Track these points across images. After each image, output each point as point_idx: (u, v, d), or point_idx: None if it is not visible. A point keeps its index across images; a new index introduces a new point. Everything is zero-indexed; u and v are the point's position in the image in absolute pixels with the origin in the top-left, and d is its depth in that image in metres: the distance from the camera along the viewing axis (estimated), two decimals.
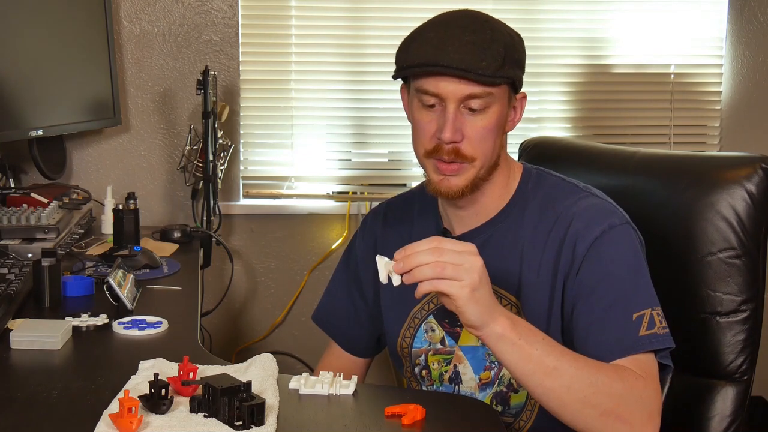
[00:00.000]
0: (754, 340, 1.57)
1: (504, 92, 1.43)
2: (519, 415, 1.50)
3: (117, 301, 1.66)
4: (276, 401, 1.22)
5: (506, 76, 1.40)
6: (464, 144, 1.41)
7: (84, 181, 2.74)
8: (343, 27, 2.91)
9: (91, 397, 1.24)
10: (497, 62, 1.38)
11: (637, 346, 1.35)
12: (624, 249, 1.42)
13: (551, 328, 1.43)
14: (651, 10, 2.99)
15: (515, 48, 1.44)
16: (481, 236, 1.50)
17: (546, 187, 1.51)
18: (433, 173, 1.45)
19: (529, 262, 1.46)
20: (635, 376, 1.32)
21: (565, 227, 1.44)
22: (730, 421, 1.56)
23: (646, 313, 1.37)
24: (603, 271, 1.40)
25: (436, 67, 1.38)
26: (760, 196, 1.56)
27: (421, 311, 1.56)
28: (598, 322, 1.37)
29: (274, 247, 2.92)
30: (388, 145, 2.98)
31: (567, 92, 2.99)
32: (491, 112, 1.41)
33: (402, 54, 1.44)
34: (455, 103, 1.39)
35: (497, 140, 1.45)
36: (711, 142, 3.09)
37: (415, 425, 1.20)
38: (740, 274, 1.56)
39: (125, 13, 2.76)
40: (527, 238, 1.47)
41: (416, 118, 1.46)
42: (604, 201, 1.48)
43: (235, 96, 2.84)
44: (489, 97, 1.40)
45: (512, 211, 1.51)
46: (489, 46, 1.39)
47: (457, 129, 1.40)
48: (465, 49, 1.37)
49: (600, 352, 1.35)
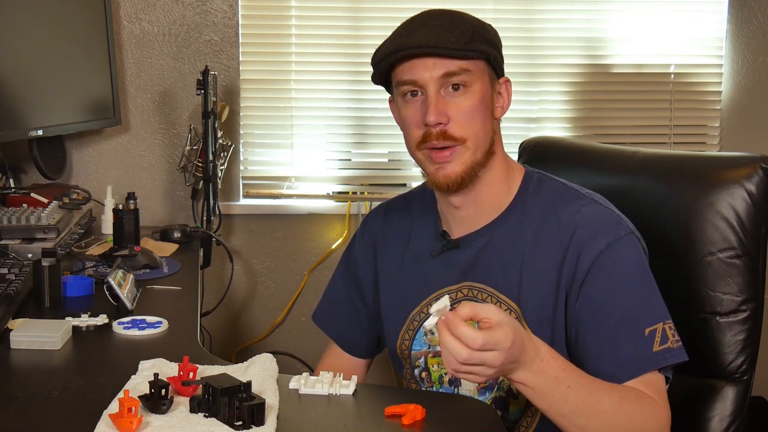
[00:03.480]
0: (754, 340, 1.57)
1: (482, 70, 1.43)
2: (518, 421, 1.49)
3: (117, 301, 1.66)
4: (276, 401, 1.22)
5: (477, 50, 1.40)
6: (451, 125, 1.41)
7: (84, 181, 2.74)
8: (343, 27, 2.91)
9: (91, 397, 1.24)
10: (465, 37, 1.39)
11: (652, 364, 1.34)
12: (631, 262, 1.40)
13: (555, 336, 1.42)
14: (651, 10, 2.99)
15: (485, 29, 1.45)
16: (480, 239, 1.49)
17: (548, 192, 1.49)
18: (428, 164, 1.44)
19: (529, 268, 1.44)
20: (653, 404, 1.32)
21: (568, 235, 1.42)
22: (730, 421, 1.56)
23: (658, 328, 1.35)
24: (610, 286, 1.38)
25: (405, 50, 1.39)
26: (760, 196, 1.56)
27: (419, 314, 1.55)
28: (610, 340, 1.36)
29: (274, 247, 2.92)
30: (388, 145, 2.98)
31: (567, 92, 2.99)
32: (473, 90, 1.41)
33: (374, 55, 1.46)
34: (434, 85, 1.40)
35: (486, 121, 1.44)
36: (711, 142, 3.09)
37: (415, 425, 1.20)
38: (740, 274, 1.55)
39: (125, 13, 2.76)
40: (528, 243, 1.45)
41: (402, 115, 1.47)
42: (607, 209, 1.46)
43: (235, 96, 2.84)
44: (466, 74, 1.40)
45: (512, 215, 1.49)
46: (455, 27, 1.41)
47: (441, 111, 1.40)
48: (431, 31, 1.40)
49: (613, 370, 1.34)
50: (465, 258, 1.50)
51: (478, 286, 1.48)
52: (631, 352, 1.35)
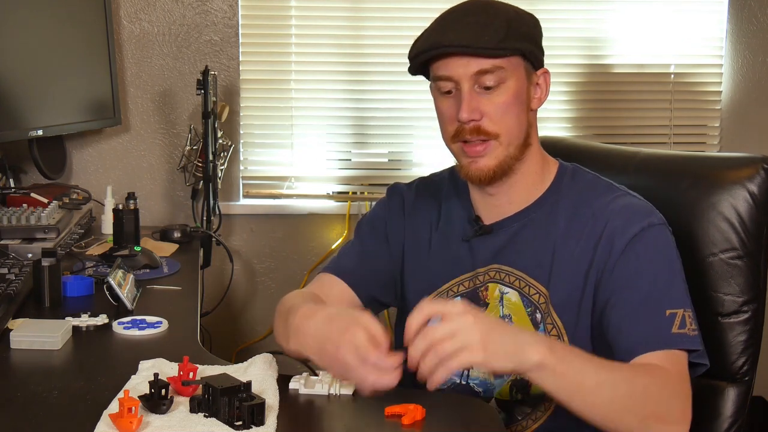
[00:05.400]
0: (755, 340, 1.57)
1: (517, 66, 1.44)
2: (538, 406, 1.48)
3: (117, 301, 1.66)
4: (276, 401, 1.22)
5: (511, 48, 1.42)
6: (485, 121, 1.43)
7: (84, 181, 2.74)
8: (343, 27, 2.91)
9: (91, 397, 1.24)
10: (499, 35, 1.40)
11: (670, 343, 1.36)
12: (662, 248, 1.43)
13: (580, 322, 1.44)
14: (651, 10, 2.99)
15: (521, 22, 1.46)
16: (513, 225, 1.51)
17: (582, 183, 1.52)
18: (462, 157, 1.47)
19: (561, 254, 1.46)
20: (667, 374, 1.33)
21: (602, 225, 1.44)
22: (732, 421, 1.56)
23: (679, 313, 1.37)
24: (639, 267, 1.41)
25: (439, 48, 1.41)
26: (762, 197, 1.55)
27: (447, 293, 1.55)
28: (632, 315, 1.38)
29: (274, 247, 2.92)
30: (388, 145, 2.98)
31: (567, 92, 2.99)
32: (507, 86, 1.43)
33: (411, 49, 1.47)
34: (468, 82, 1.41)
35: (521, 115, 1.45)
36: (711, 142, 3.09)
37: (415, 425, 1.20)
38: (742, 275, 1.55)
39: (125, 13, 2.76)
40: (560, 231, 1.48)
41: (438, 107, 1.48)
42: (641, 201, 1.49)
43: (235, 96, 2.84)
44: (500, 71, 1.41)
45: (546, 203, 1.51)
46: (491, 23, 1.41)
47: (473, 108, 1.42)
48: (466, 29, 1.41)
49: (632, 344, 1.36)
50: (496, 242, 1.52)
51: (506, 269, 1.50)
52: (650, 329, 1.36)
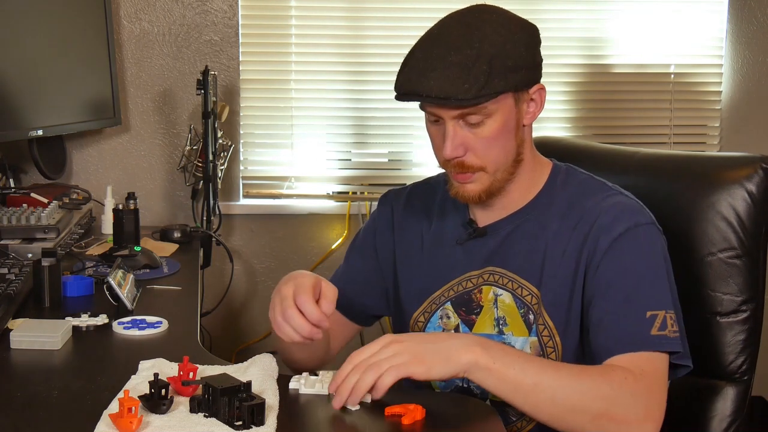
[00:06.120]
0: (754, 340, 1.57)
1: (504, 99, 1.42)
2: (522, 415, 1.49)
3: (117, 301, 1.66)
4: (276, 401, 1.22)
5: (492, 93, 1.38)
6: (468, 156, 1.43)
7: (84, 181, 2.74)
8: (343, 27, 2.91)
9: (91, 397, 1.24)
10: (480, 82, 1.36)
11: (648, 344, 1.35)
12: (647, 248, 1.43)
13: (571, 320, 1.44)
14: (651, 10, 2.99)
15: (507, 54, 1.41)
16: (507, 227, 1.52)
17: (575, 184, 1.52)
18: (452, 179, 1.48)
19: (552, 255, 1.47)
20: (624, 374, 1.31)
21: (590, 222, 1.45)
22: (730, 421, 1.56)
23: (660, 314, 1.37)
24: (623, 266, 1.41)
25: (417, 96, 1.39)
26: (761, 196, 1.55)
27: (440, 297, 1.56)
28: (612, 315, 1.38)
29: (274, 247, 2.92)
30: (388, 145, 2.98)
31: (567, 92, 2.99)
32: (493, 120, 1.41)
33: (397, 75, 1.44)
34: (451, 120, 1.41)
35: (508, 143, 1.45)
36: (711, 142, 3.09)
37: (415, 425, 1.20)
38: (740, 275, 1.55)
39: (125, 13, 2.76)
40: (552, 231, 1.48)
41: (428, 129, 1.49)
42: (632, 200, 1.49)
43: (235, 96, 2.84)
44: (484, 110, 1.40)
45: (539, 205, 1.51)
46: (473, 65, 1.36)
47: (456, 146, 1.41)
48: (446, 74, 1.36)
49: (610, 344, 1.36)
50: (490, 245, 1.53)
51: (500, 271, 1.51)
52: (628, 330, 1.36)
